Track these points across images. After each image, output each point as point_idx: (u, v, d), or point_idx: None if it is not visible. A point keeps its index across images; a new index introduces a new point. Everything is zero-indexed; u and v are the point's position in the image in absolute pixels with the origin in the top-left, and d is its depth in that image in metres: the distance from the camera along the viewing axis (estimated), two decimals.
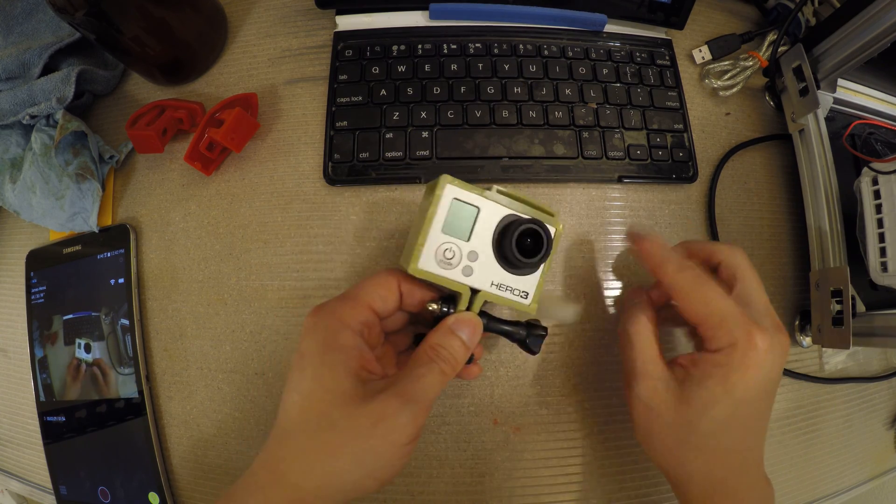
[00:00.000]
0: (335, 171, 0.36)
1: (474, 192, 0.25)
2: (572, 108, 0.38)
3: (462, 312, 0.26)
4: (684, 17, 0.40)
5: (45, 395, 0.38)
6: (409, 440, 0.23)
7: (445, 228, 0.25)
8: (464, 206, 0.25)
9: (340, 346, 0.24)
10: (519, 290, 0.26)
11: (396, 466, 0.24)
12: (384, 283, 0.27)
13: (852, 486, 0.39)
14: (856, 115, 0.40)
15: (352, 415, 0.23)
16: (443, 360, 0.24)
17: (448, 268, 0.25)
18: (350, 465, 0.23)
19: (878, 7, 0.32)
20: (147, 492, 0.35)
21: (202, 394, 0.35)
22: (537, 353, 0.29)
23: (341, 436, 0.22)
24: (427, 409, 0.24)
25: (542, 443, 0.34)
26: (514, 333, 0.28)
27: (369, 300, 0.26)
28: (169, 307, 0.37)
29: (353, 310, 0.26)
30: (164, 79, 0.40)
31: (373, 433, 0.22)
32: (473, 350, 0.26)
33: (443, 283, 0.25)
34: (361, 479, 0.23)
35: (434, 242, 0.25)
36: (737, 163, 0.40)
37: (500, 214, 0.25)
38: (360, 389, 0.23)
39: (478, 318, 0.26)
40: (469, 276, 0.25)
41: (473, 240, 0.25)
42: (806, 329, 0.37)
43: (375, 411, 0.22)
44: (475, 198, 0.25)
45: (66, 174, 0.36)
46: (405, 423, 0.23)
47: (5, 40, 0.40)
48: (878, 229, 0.33)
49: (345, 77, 0.38)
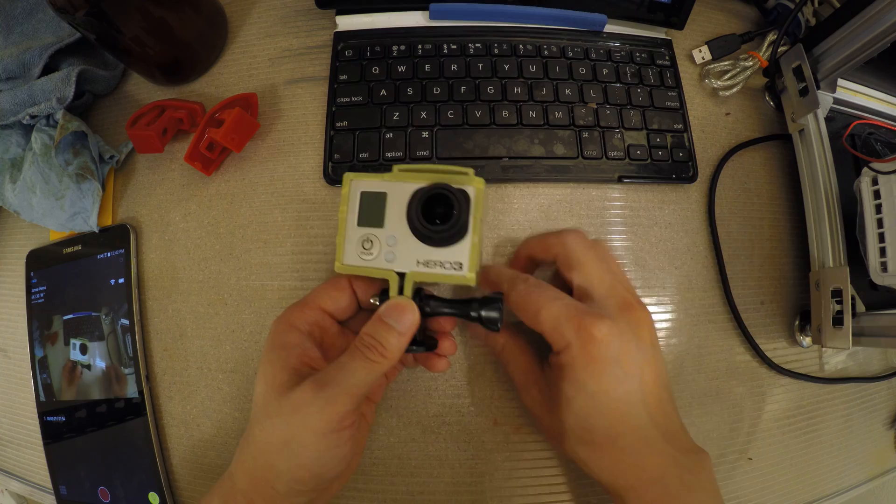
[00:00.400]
0: (335, 171, 0.36)
1: (376, 179, 0.26)
2: (572, 108, 0.38)
3: (392, 298, 0.25)
4: (684, 17, 0.40)
5: (45, 394, 0.38)
6: (328, 428, 0.24)
7: (361, 221, 0.26)
8: (372, 195, 0.26)
9: (283, 344, 0.26)
10: (450, 262, 0.25)
11: (330, 457, 0.24)
12: (335, 285, 0.28)
13: (852, 486, 0.39)
14: (856, 115, 0.40)
15: (280, 403, 0.24)
16: (367, 347, 0.24)
17: (370, 257, 0.25)
18: (279, 453, 0.24)
19: (878, 7, 0.32)
20: (147, 492, 0.35)
21: (202, 394, 0.35)
22: (499, 327, 0.26)
23: (271, 424, 0.24)
24: (349, 397, 0.24)
25: (542, 443, 0.34)
26: (464, 311, 0.27)
27: (319, 301, 0.28)
28: (169, 307, 0.37)
29: (302, 312, 0.27)
30: (164, 79, 0.40)
31: (292, 420, 0.24)
32: (407, 333, 0.25)
33: (369, 273, 0.26)
34: (293, 468, 0.24)
35: (353, 237, 0.26)
36: (737, 163, 0.40)
37: (408, 192, 0.25)
38: (295, 381, 0.25)
39: (406, 301, 0.25)
40: (392, 261, 0.25)
41: (388, 224, 0.25)
42: (806, 329, 0.37)
43: (293, 399, 0.24)
44: (380, 184, 0.26)
45: (66, 174, 0.36)
46: (319, 410, 0.23)
47: (5, 40, 0.40)
48: (878, 229, 0.33)
49: (345, 77, 0.38)
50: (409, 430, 0.34)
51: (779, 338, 0.38)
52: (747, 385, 0.37)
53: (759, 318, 0.38)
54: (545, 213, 0.37)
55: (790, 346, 0.38)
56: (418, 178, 0.25)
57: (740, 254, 0.38)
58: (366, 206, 0.26)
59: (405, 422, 0.34)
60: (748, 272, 0.38)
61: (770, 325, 0.38)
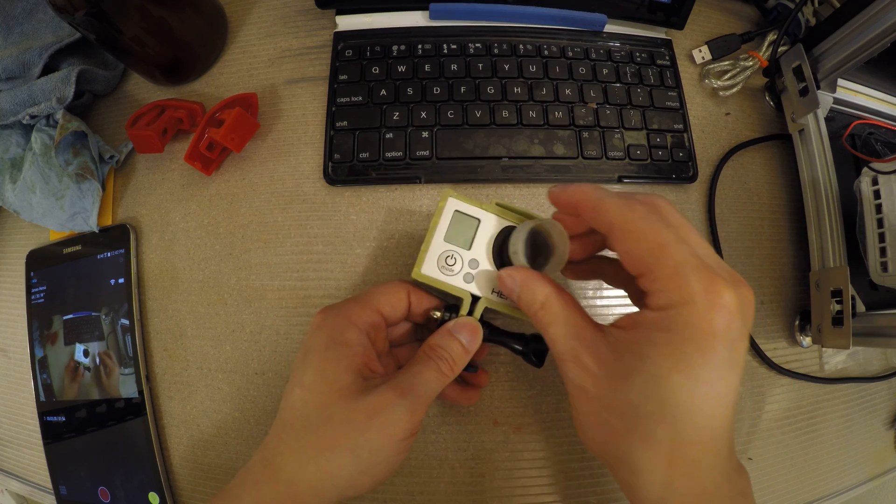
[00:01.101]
0: (335, 171, 0.36)
1: (474, 205, 0.27)
2: (572, 108, 0.38)
3: (462, 317, 0.27)
4: (684, 17, 0.40)
5: (45, 394, 0.38)
6: (405, 435, 0.23)
7: (448, 238, 0.27)
8: (465, 217, 0.27)
9: (345, 341, 0.25)
10: None
11: (392, 464, 0.24)
12: (395, 291, 0.27)
13: (852, 486, 0.39)
14: (856, 115, 0.40)
15: (349, 408, 0.23)
16: (440, 358, 0.25)
17: (450, 274, 0.26)
18: (345, 459, 0.22)
19: (878, 7, 0.32)
20: (147, 492, 0.35)
21: (202, 394, 0.35)
22: (541, 365, 0.29)
23: (337, 429, 0.23)
24: (424, 406, 0.24)
25: (542, 443, 0.34)
26: (516, 344, 0.28)
27: (379, 304, 0.27)
28: (169, 307, 0.37)
29: (363, 311, 0.26)
30: (164, 79, 0.40)
31: (369, 426, 0.22)
32: (472, 353, 0.26)
33: (445, 287, 0.26)
34: (356, 474, 0.23)
35: (437, 250, 0.27)
36: (737, 163, 0.40)
37: (498, 225, 0.27)
38: (361, 385, 0.24)
39: (477, 323, 0.26)
40: (470, 283, 0.27)
41: (474, 249, 0.27)
42: (806, 329, 0.37)
43: (372, 404, 0.23)
44: (475, 210, 0.27)
45: (66, 174, 0.36)
46: (401, 417, 0.23)
47: (5, 40, 0.40)
48: (878, 229, 0.33)
49: (345, 77, 0.38)
50: None
51: (779, 338, 0.38)
52: (747, 385, 0.37)
53: (759, 318, 0.38)
54: (545, 214, 0.37)
55: (790, 346, 0.38)
56: (510, 216, 0.27)
57: (740, 254, 0.38)
58: (456, 225, 0.27)
59: None
60: (748, 272, 0.38)
61: (770, 325, 0.38)
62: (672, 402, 0.19)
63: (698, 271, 0.19)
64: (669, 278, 0.19)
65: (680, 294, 0.19)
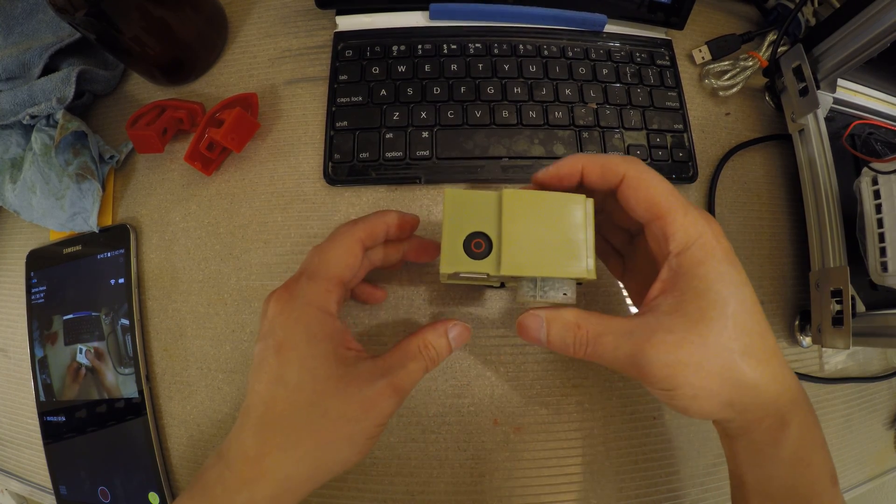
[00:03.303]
0: (335, 171, 0.36)
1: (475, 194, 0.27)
2: (572, 108, 0.38)
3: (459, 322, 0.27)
4: (684, 17, 0.40)
5: (45, 394, 0.38)
6: (384, 422, 0.25)
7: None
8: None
9: (326, 334, 0.25)
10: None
11: (376, 437, 0.25)
12: (348, 248, 0.26)
13: (852, 486, 0.39)
14: (856, 115, 0.40)
15: (344, 402, 0.24)
16: (429, 359, 0.26)
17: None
18: (342, 449, 0.24)
19: (878, 7, 0.32)
20: (147, 492, 0.35)
21: (202, 394, 0.35)
22: None
23: (335, 423, 0.23)
24: (407, 395, 0.26)
25: (542, 443, 0.34)
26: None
27: (338, 272, 0.26)
28: (169, 307, 0.37)
29: (329, 293, 0.25)
30: (164, 79, 0.40)
31: (365, 417, 0.24)
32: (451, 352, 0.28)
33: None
34: (350, 456, 0.24)
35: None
36: (737, 163, 0.40)
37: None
38: (343, 370, 0.24)
39: (469, 329, 0.28)
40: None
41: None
42: (806, 329, 0.37)
43: (368, 398, 0.24)
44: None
45: (66, 174, 0.36)
46: (391, 408, 0.24)
47: (5, 40, 0.40)
48: (878, 229, 0.33)
49: (345, 77, 0.38)
50: (409, 430, 0.34)
51: (779, 338, 0.38)
52: None
53: None
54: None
55: (790, 346, 0.38)
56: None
57: (740, 254, 0.38)
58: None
59: (405, 422, 0.34)
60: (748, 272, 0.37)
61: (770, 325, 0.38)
62: (743, 315, 0.22)
63: (695, 209, 0.23)
64: (686, 216, 0.23)
65: (696, 228, 0.22)
